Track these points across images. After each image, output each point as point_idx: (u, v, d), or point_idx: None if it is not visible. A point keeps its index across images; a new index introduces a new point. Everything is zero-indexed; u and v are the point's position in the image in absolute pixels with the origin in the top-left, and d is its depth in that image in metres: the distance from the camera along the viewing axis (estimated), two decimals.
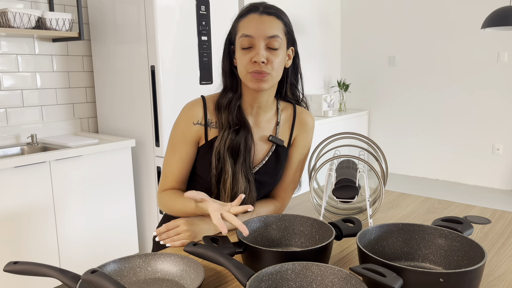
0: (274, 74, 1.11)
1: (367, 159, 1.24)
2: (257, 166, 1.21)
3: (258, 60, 1.07)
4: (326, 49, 4.95)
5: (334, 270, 0.76)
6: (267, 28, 1.08)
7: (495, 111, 4.22)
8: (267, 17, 1.10)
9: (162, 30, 2.48)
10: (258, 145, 1.21)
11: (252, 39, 1.09)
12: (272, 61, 1.09)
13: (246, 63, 1.09)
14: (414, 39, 4.62)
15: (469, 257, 0.84)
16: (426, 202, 1.41)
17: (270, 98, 1.21)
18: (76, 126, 2.93)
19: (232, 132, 1.15)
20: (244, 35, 1.09)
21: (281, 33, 1.11)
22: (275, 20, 1.11)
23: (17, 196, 2.15)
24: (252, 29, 1.08)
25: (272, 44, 1.09)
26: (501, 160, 4.26)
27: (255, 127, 1.21)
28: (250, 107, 1.20)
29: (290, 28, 1.16)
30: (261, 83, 1.10)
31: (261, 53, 1.08)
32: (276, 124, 1.24)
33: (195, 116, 1.18)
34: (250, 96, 1.18)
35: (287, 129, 1.25)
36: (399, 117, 4.86)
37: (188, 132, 1.18)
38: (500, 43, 4.11)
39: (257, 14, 1.10)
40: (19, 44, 2.61)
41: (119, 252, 2.61)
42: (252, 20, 1.10)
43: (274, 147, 1.22)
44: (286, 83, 1.25)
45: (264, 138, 1.22)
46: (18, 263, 0.82)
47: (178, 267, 0.89)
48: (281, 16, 1.13)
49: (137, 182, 2.78)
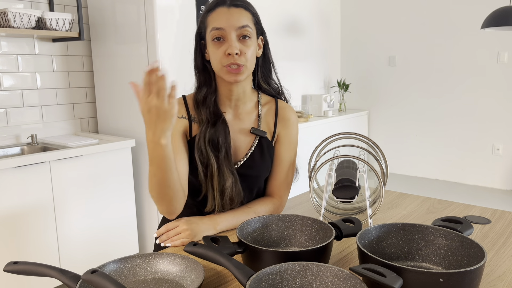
0: (248, 65, 1.13)
1: (367, 159, 1.24)
2: (242, 159, 1.21)
3: (232, 52, 1.08)
4: (326, 49, 4.95)
5: (334, 270, 0.76)
6: (236, 19, 1.10)
7: (495, 111, 4.22)
8: (235, 9, 1.11)
9: (162, 30, 2.48)
10: (241, 137, 1.21)
11: (223, 31, 1.10)
12: (246, 52, 1.10)
13: (221, 57, 1.10)
14: (414, 39, 4.62)
15: (469, 257, 0.84)
16: (426, 202, 1.41)
17: (247, 89, 1.21)
18: (76, 126, 2.93)
19: (210, 126, 1.16)
20: (215, 28, 1.10)
21: (250, 23, 1.13)
22: (244, 11, 1.13)
23: (17, 196, 2.15)
24: (222, 22, 1.10)
25: (243, 33, 1.10)
26: (501, 160, 4.26)
27: (235, 120, 1.22)
28: (228, 100, 1.21)
29: (258, 18, 1.18)
30: (237, 76, 1.11)
31: (234, 45, 1.09)
32: (258, 116, 1.24)
33: (178, 111, 1.19)
34: (226, 89, 1.19)
35: (270, 123, 1.25)
36: (399, 117, 4.86)
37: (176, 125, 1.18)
38: (500, 43, 4.11)
39: (225, 7, 1.12)
40: (19, 44, 2.61)
41: (119, 252, 2.61)
42: (221, 13, 1.11)
43: (257, 140, 1.22)
44: (258, 72, 1.25)
45: (246, 131, 1.22)
46: (18, 263, 0.82)
47: (178, 267, 0.89)
48: (248, 7, 1.15)
49: (137, 182, 2.78)
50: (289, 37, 4.39)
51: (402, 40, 4.70)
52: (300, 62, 4.58)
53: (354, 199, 1.19)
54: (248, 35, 1.12)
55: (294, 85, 4.54)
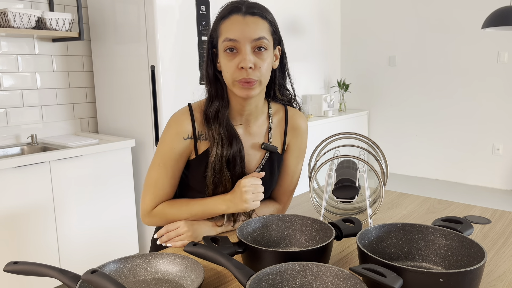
0: (262, 80, 1.05)
1: (367, 159, 1.24)
2: None
3: (246, 66, 1.00)
4: (326, 49, 4.95)
5: (334, 270, 0.76)
6: (252, 30, 1.01)
7: (495, 111, 4.22)
8: (251, 18, 1.02)
9: (162, 30, 2.48)
10: (251, 153, 1.16)
11: (236, 43, 1.01)
12: (260, 66, 1.02)
13: (233, 71, 1.02)
14: (414, 39, 4.62)
15: (469, 257, 0.84)
16: (426, 202, 1.41)
17: (259, 104, 1.15)
18: (76, 126, 2.93)
19: (227, 146, 1.09)
20: (228, 39, 1.01)
21: (267, 33, 1.04)
22: (260, 20, 1.03)
23: (17, 196, 2.15)
24: (236, 32, 1.01)
25: (258, 45, 1.02)
26: (501, 160, 4.26)
27: (246, 135, 1.16)
28: (239, 115, 1.14)
29: (275, 27, 1.09)
30: (250, 91, 1.04)
31: (248, 58, 1.00)
32: (268, 129, 1.18)
33: (185, 131, 1.11)
34: (238, 104, 1.12)
35: (280, 134, 1.20)
36: (399, 117, 4.86)
37: (178, 148, 1.11)
38: (500, 43, 4.11)
39: (240, 15, 1.02)
40: (19, 44, 2.61)
41: (119, 252, 2.60)
42: (235, 23, 1.02)
43: (267, 154, 1.17)
44: (275, 84, 1.18)
45: (257, 146, 1.16)
46: (18, 263, 0.82)
47: (178, 267, 0.89)
48: (266, 15, 1.05)
49: (137, 182, 2.78)
50: (289, 37, 4.38)
51: (402, 40, 4.70)
52: (300, 62, 4.58)
53: (354, 199, 1.19)
54: (264, 46, 1.03)
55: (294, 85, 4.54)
